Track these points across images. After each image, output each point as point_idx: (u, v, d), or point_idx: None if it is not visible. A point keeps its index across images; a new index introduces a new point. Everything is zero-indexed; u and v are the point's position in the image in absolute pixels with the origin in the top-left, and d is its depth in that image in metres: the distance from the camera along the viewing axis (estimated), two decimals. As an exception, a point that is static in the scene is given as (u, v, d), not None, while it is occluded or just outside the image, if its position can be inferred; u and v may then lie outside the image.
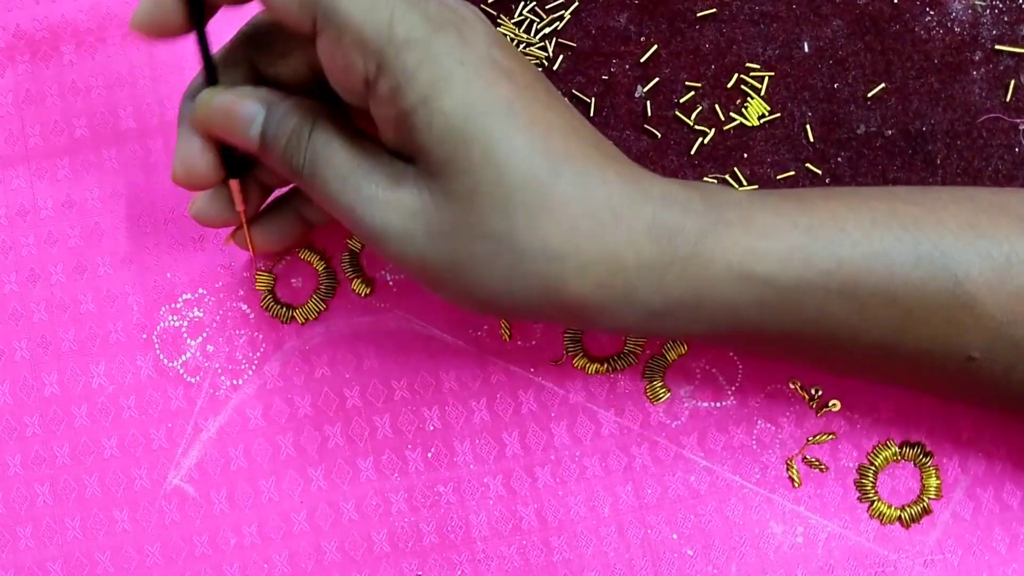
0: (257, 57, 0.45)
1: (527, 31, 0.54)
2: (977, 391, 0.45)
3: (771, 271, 0.41)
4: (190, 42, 0.54)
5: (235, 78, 0.45)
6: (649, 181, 0.42)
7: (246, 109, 0.43)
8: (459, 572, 0.49)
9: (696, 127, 0.53)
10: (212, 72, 0.44)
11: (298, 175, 0.43)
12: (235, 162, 0.46)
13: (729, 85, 0.53)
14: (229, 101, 0.43)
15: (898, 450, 0.50)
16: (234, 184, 0.46)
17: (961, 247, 0.42)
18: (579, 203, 0.40)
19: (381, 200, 0.41)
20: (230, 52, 0.46)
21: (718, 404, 0.51)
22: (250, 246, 0.49)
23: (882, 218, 0.42)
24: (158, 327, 0.52)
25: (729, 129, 0.53)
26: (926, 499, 0.49)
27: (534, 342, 0.51)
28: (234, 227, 0.49)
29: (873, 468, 0.50)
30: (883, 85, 0.53)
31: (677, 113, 0.53)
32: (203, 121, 0.44)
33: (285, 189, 0.50)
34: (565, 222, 0.40)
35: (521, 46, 0.53)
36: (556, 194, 0.39)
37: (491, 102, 0.39)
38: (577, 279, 0.40)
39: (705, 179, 0.52)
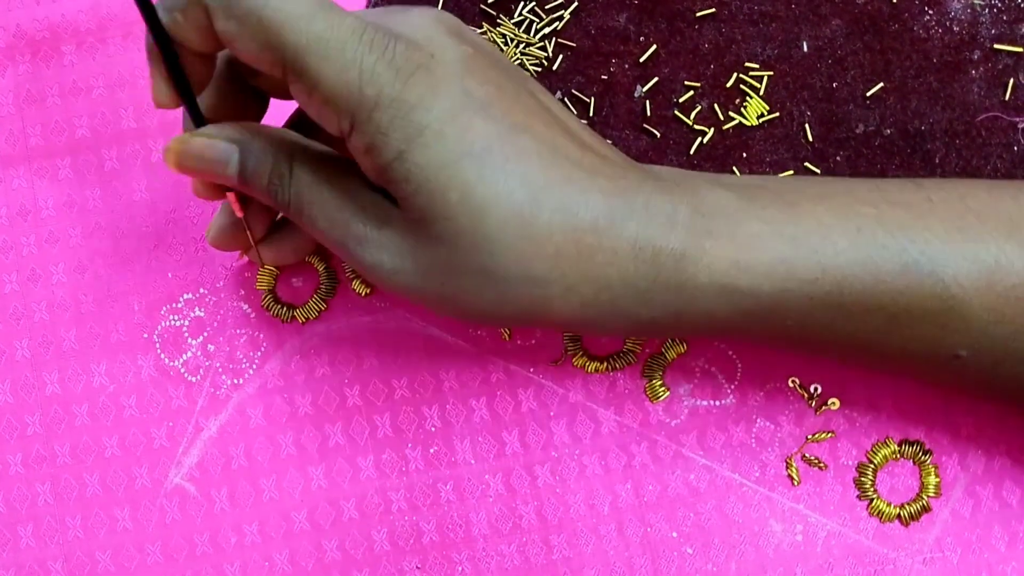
0: (242, 68, 0.46)
1: (527, 31, 0.54)
2: (965, 385, 0.46)
3: (755, 283, 0.42)
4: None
5: (222, 89, 0.45)
6: (634, 191, 0.42)
7: (218, 152, 0.44)
8: (459, 570, 0.49)
9: (695, 127, 0.53)
10: (196, 112, 0.44)
11: (285, 209, 0.44)
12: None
13: (728, 84, 0.53)
14: (200, 145, 0.44)
15: (897, 448, 0.50)
16: (230, 194, 0.46)
17: (948, 251, 0.41)
18: (562, 231, 0.40)
19: (370, 239, 0.42)
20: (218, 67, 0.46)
21: (717, 402, 0.51)
22: (259, 260, 0.50)
23: (868, 224, 0.42)
24: (159, 326, 0.52)
25: (728, 128, 0.53)
26: (925, 497, 0.50)
27: (534, 341, 0.51)
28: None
29: (872, 466, 0.50)
30: (882, 84, 0.53)
31: (676, 113, 0.53)
32: (179, 166, 0.44)
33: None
34: (549, 250, 0.40)
35: (521, 46, 0.54)
36: (538, 225, 0.40)
37: (465, 148, 0.39)
38: (562, 300, 0.41)
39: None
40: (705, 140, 0.53)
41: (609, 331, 0.45)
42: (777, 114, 0.53)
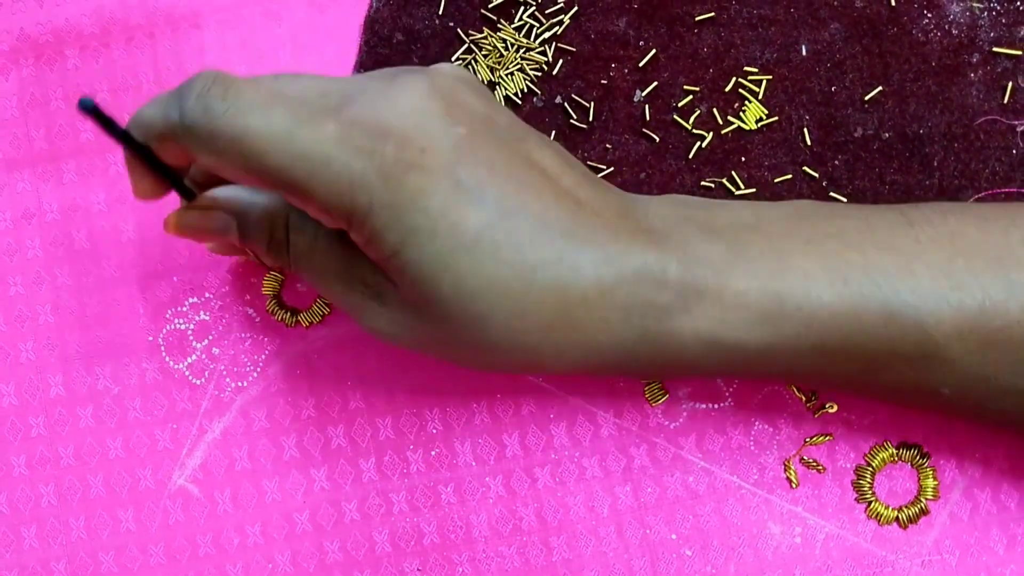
0: None
1: (527, 36, 0.54)
2: (952, 416, 0.48)
3: (739, 340, 0.42)
4: (193, 47, 0.55)
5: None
6: (625, 255, 0.41)
7: (216, 222, 0.46)
8: (459, 571, 0.50)
9: (694, 131, 0.53)
10: (181, 186, 0.45)
11: (288, 269, 0.46)
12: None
13: (727, 89, 0.54)
14: (197, 218, 0.46)
15: (895, 451, 0.50)
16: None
17: (933, 300, 0.42)
18: (552, 307, 0.41)
19: (368, 309, 0.44)
20: None
21: (716, 405, 0.51)
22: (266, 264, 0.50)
23: (855, 275, 0.42)
24: (164, 330, 0.52)
25: (727, 133, 0.53)
26: (923, 500, 0.50)
27: (534, 344, 0.52)
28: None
29: (870, 469, 0.50)
30: (880, 88, 0.53)
31: (675, 117, 0.53)
32: (180, 234, 0.46)
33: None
34: (541, 325, 0.41)
35: (521, 51, 0.54)
36: (529, 303, 0.41)
37: (456, 241, 0.39)
38: (554, 361, 0.43)
39: (703, 183, 0.53)
40: (704, 144, 0.53)
41: (596, 377, 0.50)
42: (776, 118, 0.53)
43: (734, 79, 0.54)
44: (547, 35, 0.54)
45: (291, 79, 0.42)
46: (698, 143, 0.53)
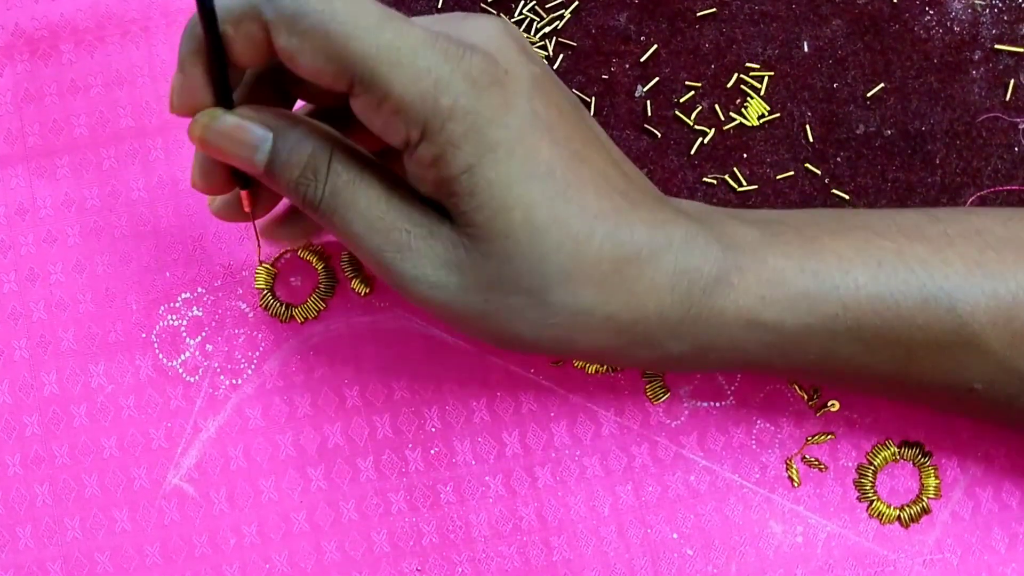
0: (285, 76, 0.44)
1: (527, 30, 0.54)
2: (979, 415, 0.47)
3: (778, 318, 0.42)
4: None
5: (257, 91, 0.44)
6: (673, 224, 0.42)
7: (251, 135, 0.41)
8: (459, 571, 0.49)
9: (696, 127, 0.53)
10: (226, 92, 0.42)
11: (312, 209, 0.42)
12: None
13: (729, 85, 0.53)
14: (232, 124, 0.41)
15: (897, 450, 0.50)
16: (244, 195, 0.45)
17: (967, 287, 0.42)
18: (609, 259, 0.40)
19: (413, 249, 0.41)
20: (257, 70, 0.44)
21: (717, 404, 0.51)
22: (258, 251, 0.50)
23: (888, 259, 0.42)
24: (157, 326, 0.52)
25: (729, 129, 0.53)
26: (925, 499, 0.50)
27: (534, 341, 0.51)
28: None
29: (872, 468, 0.50)
30: (882, 85, 0.53)
31: (677, 113, 0.53)
32: (203, 143, 0.42)
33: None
34: (596, 278, 0.40)
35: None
36: (589, 252, 0.40)
37: (532, 168, 0.39)
38: (600, 327, 0.41)
39: (704, 179, 0.52)
40: (706, 140, 0.53)
41: (636, 362, 0.46)
42: (778, 114, 0.53)
43: (736, 75, 0.53)
44: (547, 29, 0.54)
45: None
46: (700, 139, 0.53)
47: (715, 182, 0.52)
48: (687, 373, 0.51)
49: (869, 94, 0.53)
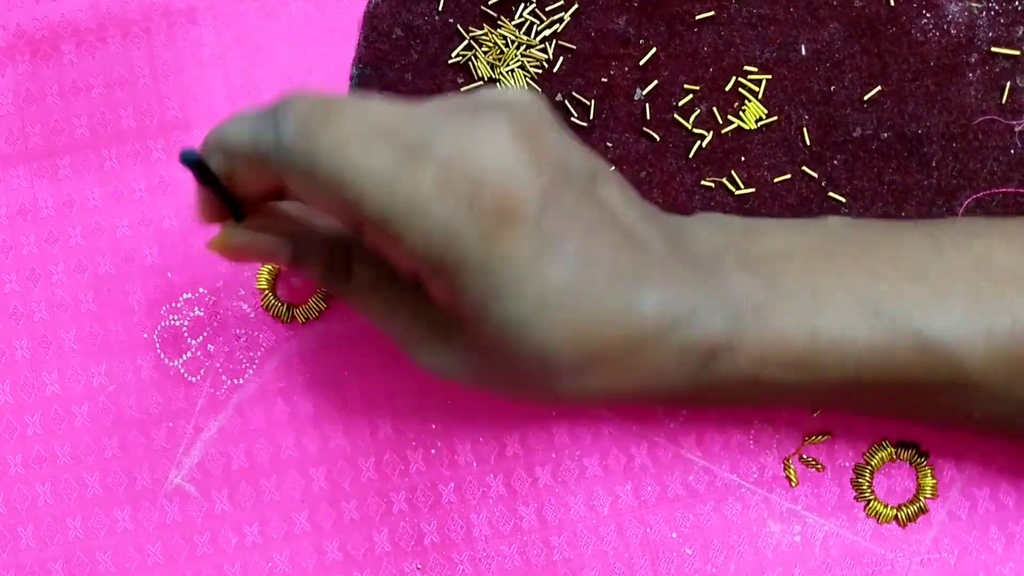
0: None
1: (527, 33, 0.54)
2: (979, 432, 0.48)
3: (776, 376, 0.42)
4: (190, 42, 0.54)
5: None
6: (680, 297, 0.41)
7: (269, 245, 0.43)
8: (460, 571, 0.50)
9: (694, 130, 0.53)
10: (236, 210, 0.43)
11: (338, 296, 0.45)
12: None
13: (727, 88, 0.54)
14: (248, 240, 0.43)
15: (894, 450, 0.50)
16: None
17: (964, 329, 0.42)
18: (619, 352, 0.40)
19: (429, 347, 0.43)
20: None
21: (717, 404, 0.51)
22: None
23: (888, 309, 0.42)
24: (159, 326, 0.52)
25: (727, 132, 0.53)
26: (922, 498, 0.50)
27: (533, 342, 0.52)
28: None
29: (869, 468, 0.50)
30: (879, 88, 0.53)
31: (676, 116, 0.53)
32: (224, 255, 0.44)
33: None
34: (606, 371, 0.41)
35: (521, 48, 0.54)
36: (601, 352, 0.40)
37: (542, 301, 0.38)
38: (607, 398, 0.43)
39: (703, 182, 0.53)
40: (704, 143, 0.53)
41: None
42: (775, 118, 0.53)
43: (734, 78, 0.54)
44: (547, 32, 0.54)
45: (364, 103, 0.39)
46: (698, 142, 0.53)
47: (713, 185, 0.53)
48: None
49: (866, 97, 0.53)
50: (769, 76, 0.54)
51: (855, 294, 0.43)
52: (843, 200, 0.52)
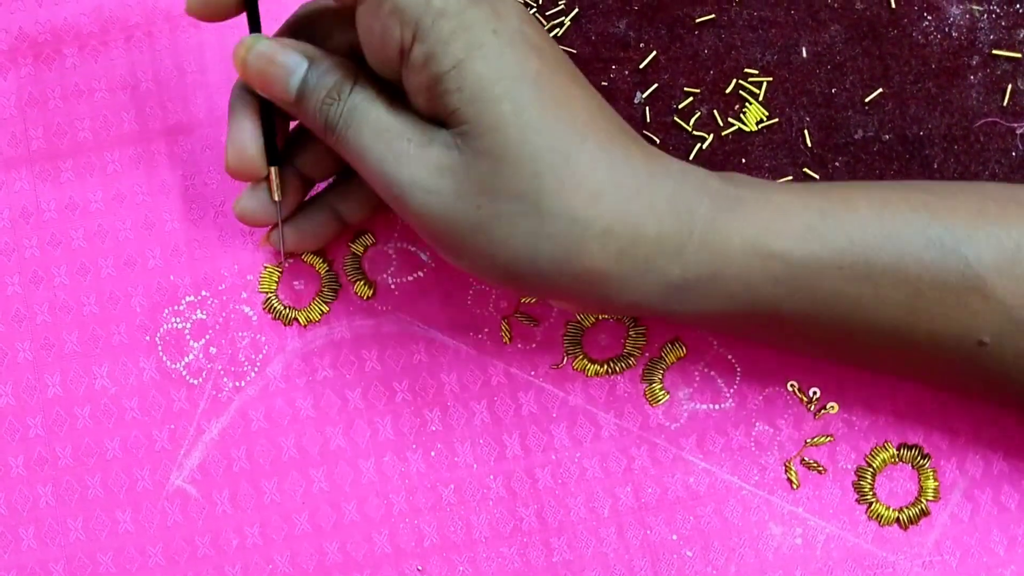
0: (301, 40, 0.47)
1: (528, 36, 0.54)
2: (987, 378, 0.45)
3: (785, 248, 0.42)
4: (192, 45, 0.55)
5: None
6: (669, 159, 0.43)
7: (289, 59, 0.45)
8: (460, 572, 0.50)
9: (695, 133, 0.53)
10: (257, 23, 0.47)
11: (331, 129, 0.44)
12: (276, 152, 0.48)
13: (727, 90, 0.54)
14: (272, 50, 0.45)
15: (896, 452, 0.50)
16: (272, 171, 0.48)
17: (972, 232, 0.42)
18: (604, 172, 0.41)
19: (411, 156, 0.42)
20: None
21: (717, 406, 0.51)
22: (282, 247, 0.51)
23: (894, 201, 0.43)
24: (161, 329, 0.52)
25: (727, 135, 0.53)
26: (924, 501, 0.50)
27: (534, 345, 0.52)
28: (269, 228, 0.50)
29: (871, 470, 0.50)
30: (881, 90, 0.53)
31: (676, 119, 0.53)
32: (243, 66, 0.45)
33: (322, 186, 0.51)
34: (590, 188, 0.41)
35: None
36: (582, 160, 0.41)
37: (520, 71, 0.41)
38: (598, 246, 0.41)
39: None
40: (704, 146, 0.53)
41: (637, 296, 0.43)
42: (776, 120, 0.53)
43: (734, 81, 0.54)
44: (548, 35, 0.54)
45: None
46: (699, 145, 0.53)
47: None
48: (691, 325, 0.50)
49: (867, 99, 0.53)
50: (770, 78, 0.54)
51: (860, 192, 0.44)
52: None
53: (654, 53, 0.54)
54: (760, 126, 0.53)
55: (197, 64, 0.54)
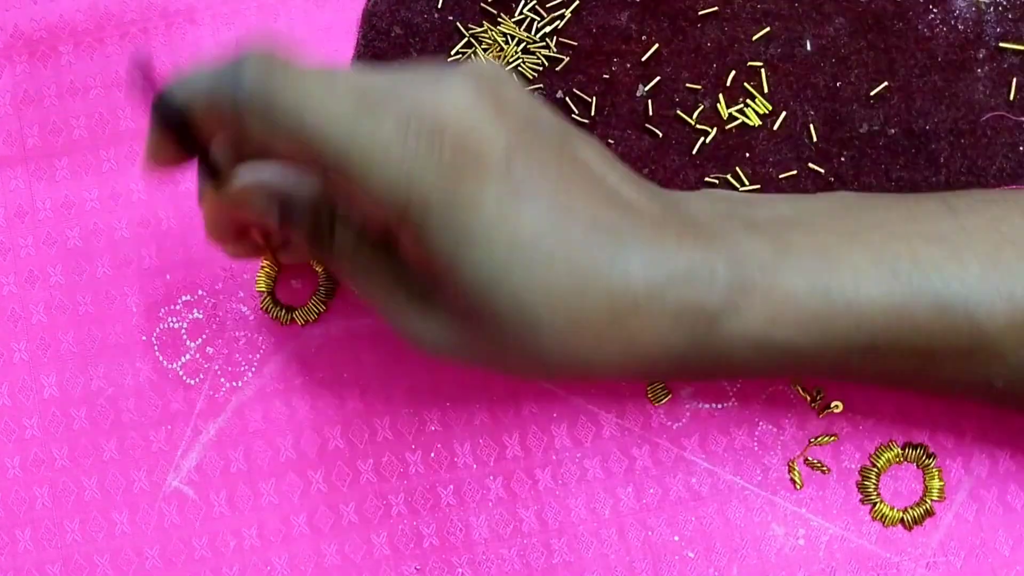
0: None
1: (528, 29, 0.53)
2: (1002, 407, 0.46)
3: (790, 338, 0.41)
4: (188, 42, 0.54)
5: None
6: (674, 255, 0.40)
7: (258, 204, 0.43)
8: (459, 574, 0.49)
9: (698, 126, 0.53)
10: (214, 170, 0.42)
11: (327, 265, 0.45)
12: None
13: (731, 84, 0.53)
14: (236, 198, 0.43)
15: (901, 451, 0.50)
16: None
17: (983, 290, 0.41)
18: (605, 311, 0.39)
19: (411, 315, 0.42)
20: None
21: (719, 406, 0.50)
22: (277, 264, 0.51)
23: (903, 267, 0.41)
24: (157, 329, 0.52)
25: (731, 128, 0.53)
26: (929, 501, 0.49)
27: (535, 343, 0.51)
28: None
29: (875, 470, 0.49)
30: (886, 84, 0.53)
31: (679, 112, 0.53)
32: (212, 222, 0.44)
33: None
34: (592, 332, 0.40)
35: (522, 45, 0.53)
36: (584, 311, 0.39)
37: (513, 247, 0.38)
38: (603, 370, 0.42)
39: (706, 179, 0.52)
40: (708, 140, 0.52)
41: (641, 382, 0.50)
42: (781, 114, 0.53)
43: (737, 73, 0.53)
44: (548, 29, 0.53)
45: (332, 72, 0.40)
46: (702, 139, 0.52)
47: (717, 182, 0.52)
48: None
49: (873, 93, 0.53)
50: (774, 72, 0.53)
51: (869, 254, 0.42)
52: (849, 198, 0.52)
53: (656, 46, 0.53)
54: (764, 120, 0.53)
55: (193, 61, 0.54)
